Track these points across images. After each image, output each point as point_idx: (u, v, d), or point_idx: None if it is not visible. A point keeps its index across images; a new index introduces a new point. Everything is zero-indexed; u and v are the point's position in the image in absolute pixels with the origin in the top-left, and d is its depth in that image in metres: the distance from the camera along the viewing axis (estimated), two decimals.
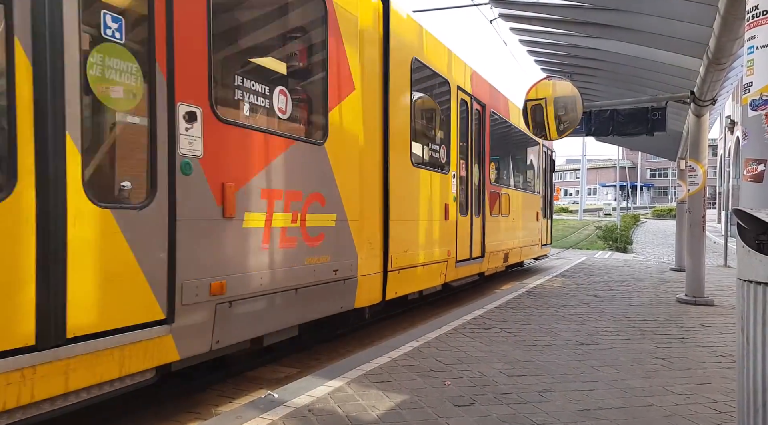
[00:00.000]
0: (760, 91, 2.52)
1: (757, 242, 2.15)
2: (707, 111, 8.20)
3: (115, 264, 3.00)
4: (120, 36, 3.08)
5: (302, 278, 4.45)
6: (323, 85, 4.80)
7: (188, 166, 3.40)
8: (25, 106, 2.63)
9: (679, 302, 7.83)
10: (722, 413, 3.43)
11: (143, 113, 3.21)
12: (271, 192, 4.11)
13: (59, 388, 2.75)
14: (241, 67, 4.37)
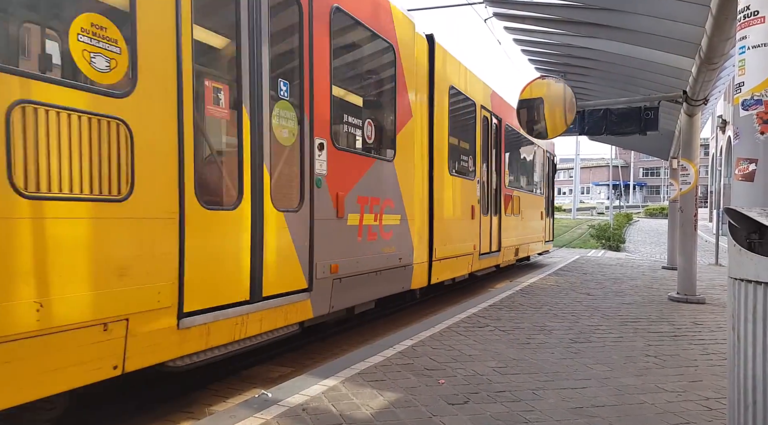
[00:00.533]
0: (751, 91, 2.54)
1: (748, 241, 2.17)
2: (699, 110, 8.25)
3: (284, 248, 4.38)
4: (287, 95, 4.50)
5: (380, 263, 5.90)
6: (393, 115, 6.25)
7: (320, 181, 4.83)
8: (246, 148, 4.01)
9: (671, 300, 7.88)
10: (713, 410, 3.46)
11: (297, 146, 4.59)
12: (363, 198, 5.51)
13: (256, 329, 4.13)
14: (344, 108, 5.74)
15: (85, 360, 2.93)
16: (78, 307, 2.86)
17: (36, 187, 2.71)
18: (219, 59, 4.43)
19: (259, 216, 4.11)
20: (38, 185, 2.72)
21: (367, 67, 6.28)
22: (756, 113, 2.53)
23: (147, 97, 3.25)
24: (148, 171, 3.24)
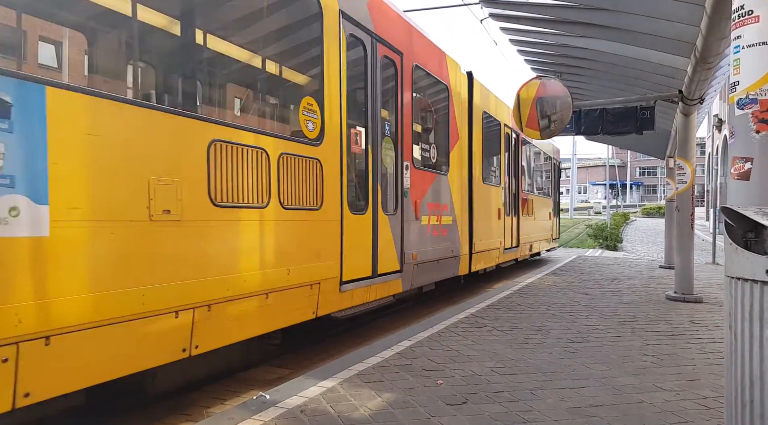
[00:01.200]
0: (746, 90, 2.54)
1: (744, 239, 2.18)
2: (695, 110, 8.27)
3: (388, 240, 6.03)
4: (389, 133, 6.13)
5: (441, 254, 7.58)
6: (447, 138, 8.00)
7: (406, 193, 6.43)
8: (370, 172, 5.71)
9: (669, 299, 7.89)
10: (711, 409, 3.46)
11: (393, 168, 6.21)
12: (430, 204, 7.19)
13: (374, 296, 5.85)
14: (419, 137, 7.19)
15: (301, 307, 4.61)
16: (303, 274, 4.61)
17: (288, 202, 4.41)
18: (357, 112, 5.68)
19: (376, 219, 5.76)
20: (289, 201, 4.42)
21: (432, 104, 7.90)
22: (751, 112, 2.53)
23: (329, 144, 4.95)
24: (329, 190, 4.94)
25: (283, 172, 4.33)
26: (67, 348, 2.80)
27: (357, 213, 5.44)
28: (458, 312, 6.62)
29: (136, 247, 3.13)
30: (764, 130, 2.52)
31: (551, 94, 8.06)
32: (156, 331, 3.27)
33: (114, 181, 3.03)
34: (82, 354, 2.88)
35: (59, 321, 2.75)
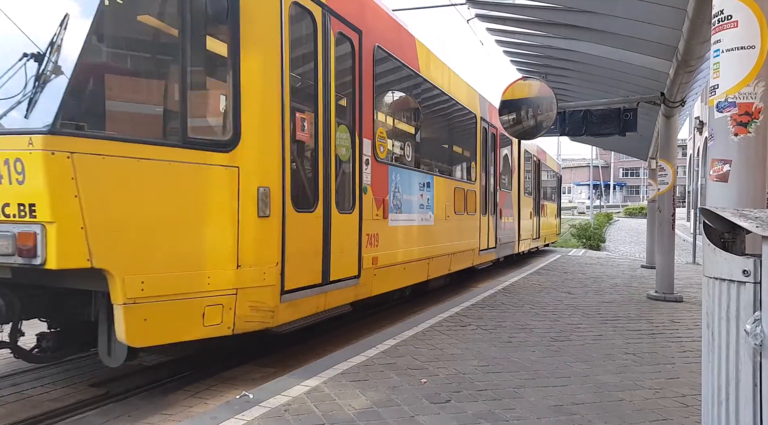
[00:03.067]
0: (725, 94, 2.59)
1: (722, 240, 2.22)
2: (677, 112, 8.39)
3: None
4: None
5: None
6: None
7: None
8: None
9: (650, 298, 8.00)
10: (689, 406, 3.52)
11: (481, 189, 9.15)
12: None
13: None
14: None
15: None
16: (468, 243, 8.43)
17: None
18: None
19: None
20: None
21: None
22: (730, 115, 2.58)
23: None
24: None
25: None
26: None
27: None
28: (443, 311, 6.65)
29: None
30: (742, 132, 2.57)
31: (536, 94, 8.12)
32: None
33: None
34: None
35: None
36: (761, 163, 2.60)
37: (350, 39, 5.44)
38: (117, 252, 3.33)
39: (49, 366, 4.66)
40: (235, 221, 3.94)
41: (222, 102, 4.13)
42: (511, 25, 7.69)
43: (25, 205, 3.12)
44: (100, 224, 3.26)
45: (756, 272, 1.97)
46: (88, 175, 3.20)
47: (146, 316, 3.45)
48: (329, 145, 4.99)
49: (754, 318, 1.95)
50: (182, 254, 3.69)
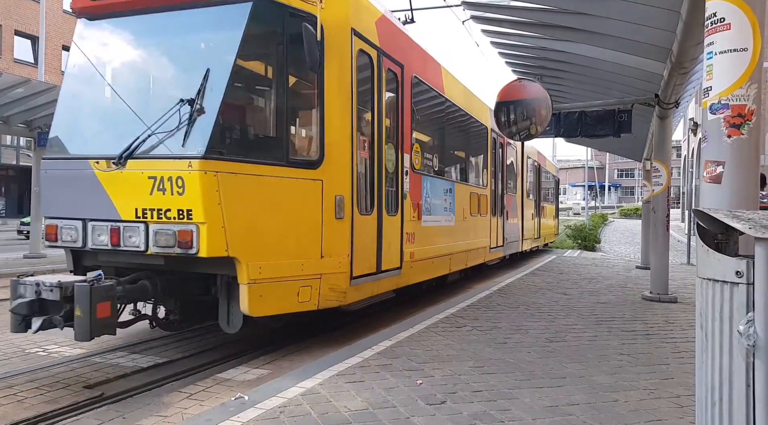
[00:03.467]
0: (718, 95, 2.61)
1: (715, 241, 2.23)
2: (671, 113, 8.42)
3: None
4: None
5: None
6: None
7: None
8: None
9: (645, 299, 8.03)
10: (684, 407, 3.54)
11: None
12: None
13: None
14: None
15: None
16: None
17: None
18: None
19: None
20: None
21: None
22: (723, 117, 2.60)
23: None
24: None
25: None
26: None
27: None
28: (439, 312, 6.66)
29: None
30: (735, 134, 2.59)
31: (531, 96, 8.14)
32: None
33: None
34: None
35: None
36: (754, 164, 2.62)
37: (395, 73, 6.51)
38: (244, 245, 4.45)
39: (45, 368, 4.64)
40: (319, 221, 5.09)
41: (311, 131, 5.33)
42: (507, 27, 7.70)
43: (183, 210, 4.24)
44: (234, 224, 4.36)
45: (749, 273, 1.98)
46: (226, 188, 4.33)
47: (262, 293, 4.54)
48: (381, 160, 6.11)
49: (747, 319, 1.96)
50: (286, 246, 4.85)
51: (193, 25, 4.87)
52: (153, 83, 5.11)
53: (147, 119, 4.52)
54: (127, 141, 4.44)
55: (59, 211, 4.79)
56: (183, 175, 4.22)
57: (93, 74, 5.12)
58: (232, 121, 4.82)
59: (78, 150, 4.82)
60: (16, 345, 5.35)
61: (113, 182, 4.48)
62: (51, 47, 28.01)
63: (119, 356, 5.07)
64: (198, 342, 5.69)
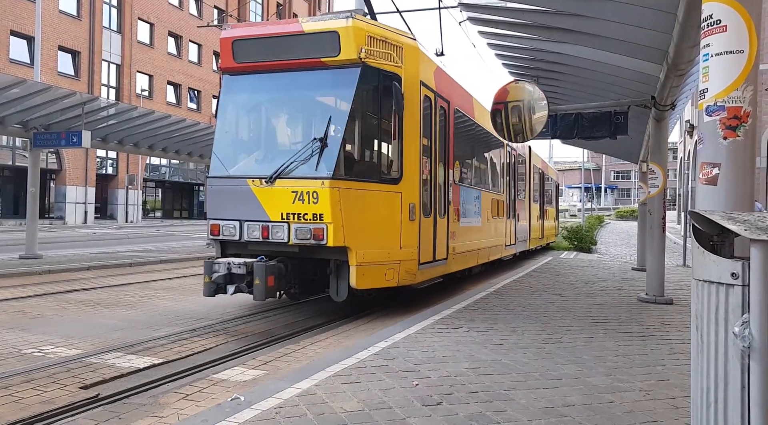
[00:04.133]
0: (714, 97, 2.61)
1: (711, 243, 2.24)
2: (667, 115, 8.45)
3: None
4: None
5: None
6: (529, 185, 15.82)
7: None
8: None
9: (641, 301, 8.05)
10: (679, 408, 3.55)
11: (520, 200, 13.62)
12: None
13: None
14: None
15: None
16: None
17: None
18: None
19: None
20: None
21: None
22: (719, 119, 2.61)
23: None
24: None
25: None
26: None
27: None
28: (435, 313, 6.66)
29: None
30: (731, 136, 2.60)
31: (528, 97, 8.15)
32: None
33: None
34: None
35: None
36: (749, 166, 2.63)
37: (444, 108, 8.29)
38: (354, 238, 6.16)
39: (41, 368, 4.63)
40: (399, 222, 6.77)
41: (394, 157, 6.94)
42: (503, 29, 7.72)
43: (317, 214, 6.00)
44: (348, 223, 6.10)
45: (744, 275, 1.99)
46: (344, 198, 6.09)
47: (364, 273, 6.25)
48: (436, 176, 7.82)
49: (743, 321, 1.97)
50: (378, 239, 6.54)
51: (317, 82, 6.60)
52: (290, 123, 7.20)
53: (287, 151, 6.54)
54: (274, 167, 6.25)
55: (222, 214, 6.55)
56: (317, 190, 6.01)
57: (240, 116, 7.14)
58: (347, 152, 6.50)
59: (236, 172, 6.63)
60: (12, 346, 5.33)
61: (265, 194, 6.26)
62: (46, 48, 27.93)
63: (115, 357, 5.05)
64: (194, 342, 5.68)
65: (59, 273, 10.58)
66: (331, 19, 6.49)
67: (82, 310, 7.16)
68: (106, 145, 14.79)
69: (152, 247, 16.79)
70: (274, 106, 7.11)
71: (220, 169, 6.66)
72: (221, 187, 6.63)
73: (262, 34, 6.78)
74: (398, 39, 6.85)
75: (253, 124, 7.22)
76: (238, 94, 7.00)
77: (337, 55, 6.33)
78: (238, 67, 6.82)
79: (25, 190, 13.12)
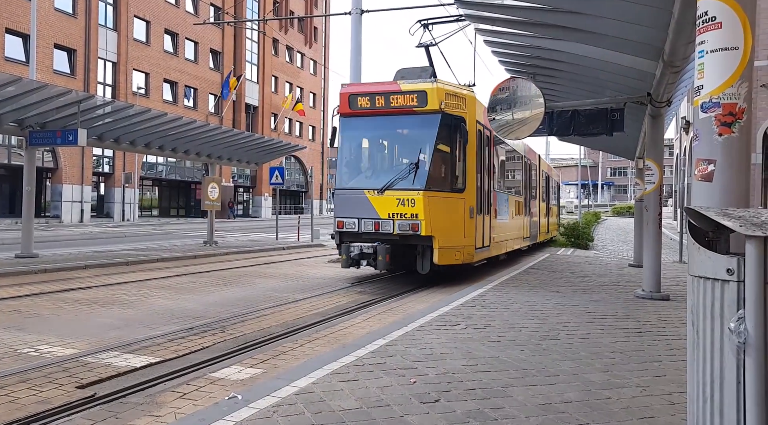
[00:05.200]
0: (710, 94, 2.62)
1: (706, 239, 2.24)
2: (663, 112, 8.45)
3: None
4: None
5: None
6: (548, 192, 21.63)
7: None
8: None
9: (637, 297, 8.07)
10: (676, 404, 3.56)
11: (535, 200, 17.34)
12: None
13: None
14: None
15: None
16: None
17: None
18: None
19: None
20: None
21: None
22: (714, 115, 2.61)
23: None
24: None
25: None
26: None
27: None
28: (432, 310, 6.67)
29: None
30: (726, 133, 2.60)
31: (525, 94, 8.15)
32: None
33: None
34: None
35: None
36: (745, 163, 2.63)
37: (488, 135, 10.92)
38: (437, 230, 8.92)
39: (37, 368, 4.62)
40: (463, 219, 9.55)
41: (461, 173, 9.69)
42: (500, 26, 7.71)
43: (414, 214, 8.80)
44: (434, 220, 8.83)
45: (740, 271, 1.99)
46: (431, 203, 8.90)
47: (442, 254, 9.03)
48: (485, 185, 10.66)
49: (738, 317, 1.98)
50: (451, 231, 9.31)
51: (410, 123, 9.60)
52: (391, 152, 10.14)
53: (391, 171, 9.47)
54: (382, 182, 9.21)
55: (345, 214, 9.50)
56: (414, 197, 8.93)
57: (355, 146, 10.12)
58: (432, 172, 9.23)
59: (355, 185, 9.67)
60: (8, 345, 5.31)
61: (376, 200, 9.16)
62: (42, 45, 27.78)
63: (112, 356, 5.05)
64: (191, 341, 5.67)
65: (55, 272, 10.55)
66: (420, 82, 9.42)
67: (78, 309, 7.15)
68: (102, 144, 14.71)
69: (149, 246, 16.76)
70: (379, 140, 10.20)
71: (344, 183, 9.85)
72: (345, 195, 9.70)
73: (371, 91, 9.65)
74: (464, 93, 9.87)
75: (365, 152, 10.28)
76: (353, 131, 9.92)
77: (425, 107, 9.22)
78: (353, 112, 9.73)
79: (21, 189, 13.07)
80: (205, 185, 17.63)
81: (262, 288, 9.42)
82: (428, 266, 9.16)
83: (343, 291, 9.31)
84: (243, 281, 10.22)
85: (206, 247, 16.44)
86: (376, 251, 8.96)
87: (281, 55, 50.78)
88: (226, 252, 15.40)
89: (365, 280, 10.49)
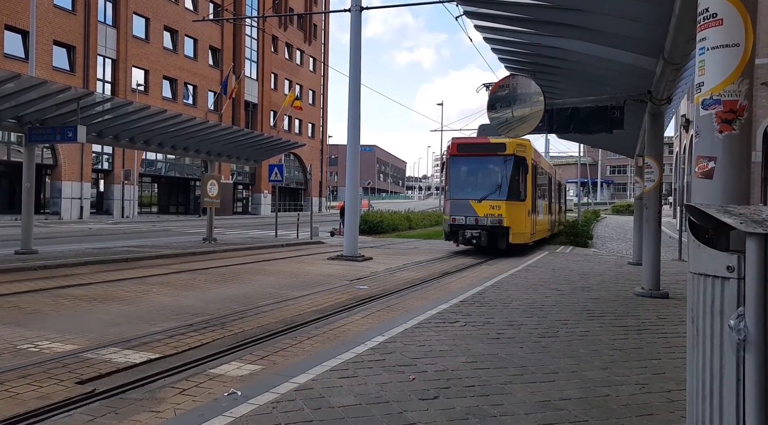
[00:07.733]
0: (710, 91, 2.61)
1: (706, 237, 2.24)
2: (663, 110, 8.45)
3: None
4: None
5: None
6: (560, 193, 28.58)
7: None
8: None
9: (637, 295, 8.08)
10: (675, 401, 3.56)
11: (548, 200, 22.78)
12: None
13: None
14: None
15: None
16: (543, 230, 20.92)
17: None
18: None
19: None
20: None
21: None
22: (715, 113, 2.60)
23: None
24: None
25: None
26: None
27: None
28: (431, 307, 6.67)
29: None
30: (727, 130, 2.59)
31: (524, 92, 8.14)
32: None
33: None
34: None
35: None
36: (745, 160, 2.63)
37: (535, 165, 17.04)
38: (512, 223, 15.44)
39: (37, 364, 4.62)
40: (525, 217, 15.95)
41: (524, 189, 15.95)
42: (500, 23, 7.69)
43: (500, 214, 15.35)
44: (510, 217, 15.40)
45: (740, 268, 1.99)
46: (510, 207, 15.46)
47: (514, 237, 15.58)
48: (536, 194, 17.08)
49: (738, 314, 1.97)
50: (520, 224, 15.73)
51: (495, 161, 15.80)
52: (484, 178, 16.13)
53: (484, 188, 15.82)
54: (480, 194, 15.63)
55: (457, 213, 15.69)
56: (500, 204, 15.30)
57: (461, 174, 16.34)
58: (510, 189, 15.44)
59: (463, 196, 15.89)
60: (8, 341, 5.31)
61: (476, 205, 15.46)
62: (41, 42, 27.72)
63: (112, 352, 5.05)
64: (191, 337, 5.67)
65: (55, 268, 10.55)
66: (502, 138, 14.34)
67: (78, 306, 7.15)
68: (102, 140, 14.69)
69: (148, 243, 16.76)
70: (476, 171, 16.26)
71: (456, 195, 15.96)
72: (456, 202, 15.82)
73: (472, 142, 16.66)
74: (525, 142, 15.77)
75: (467, 177, 16.28)
76: (460, 166, 16.25)
77: (504, 152, 15.48)
78: (459, 154, 16.10)
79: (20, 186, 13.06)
80: (205, 182, 17.61)
81: (262, 285, 9.42)
82: (505, 244, 15.24)
83: (342, 288, 9.31)
84: (242, 278, 10.22)
85: (205, 244, 16.44)
86: (478, 236, 15.11)
87: (281, 52, 50.70)
88: (226, 250, 15.41)
89: (461, 253, 16.63)
